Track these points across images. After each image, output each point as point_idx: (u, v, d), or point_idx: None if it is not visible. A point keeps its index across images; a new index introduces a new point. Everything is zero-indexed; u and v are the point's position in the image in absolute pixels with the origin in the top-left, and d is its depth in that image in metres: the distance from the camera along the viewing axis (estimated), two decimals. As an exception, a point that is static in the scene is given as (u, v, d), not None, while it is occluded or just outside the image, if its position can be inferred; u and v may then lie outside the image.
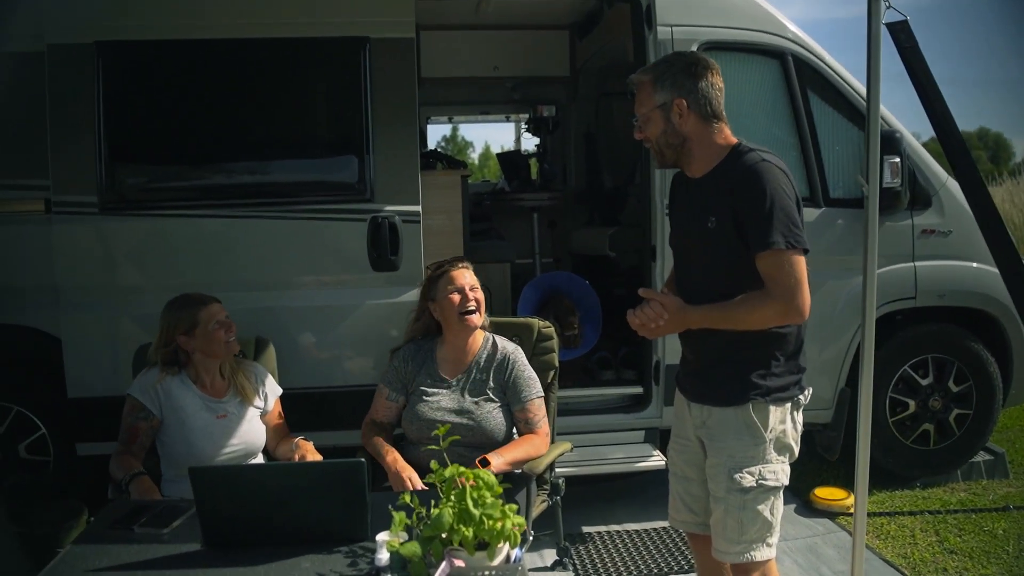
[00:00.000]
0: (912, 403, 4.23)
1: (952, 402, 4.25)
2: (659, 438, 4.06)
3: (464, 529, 1.71)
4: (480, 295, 2.96)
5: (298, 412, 3.18)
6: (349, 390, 3.65)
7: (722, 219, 2.12)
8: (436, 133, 14.21)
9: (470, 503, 1.72)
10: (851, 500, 3.96)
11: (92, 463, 3.60)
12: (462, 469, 1.82)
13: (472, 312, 2.90)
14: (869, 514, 3.74)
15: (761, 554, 2.17)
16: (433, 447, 2.80)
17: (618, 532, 3.84)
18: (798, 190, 2.14)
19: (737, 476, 2.15)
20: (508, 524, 1.71)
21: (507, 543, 1.77)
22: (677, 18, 3.92)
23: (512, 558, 1.80)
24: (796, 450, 2.24)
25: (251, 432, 2.84)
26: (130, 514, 2.18)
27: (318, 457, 2.79)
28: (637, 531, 3.84)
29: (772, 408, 2.16)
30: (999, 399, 4.27)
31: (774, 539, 2.20)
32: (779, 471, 2.18)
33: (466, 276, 2.95)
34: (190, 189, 3.66)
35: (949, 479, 4.36)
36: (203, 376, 2.83)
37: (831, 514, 3.94)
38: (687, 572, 3.43)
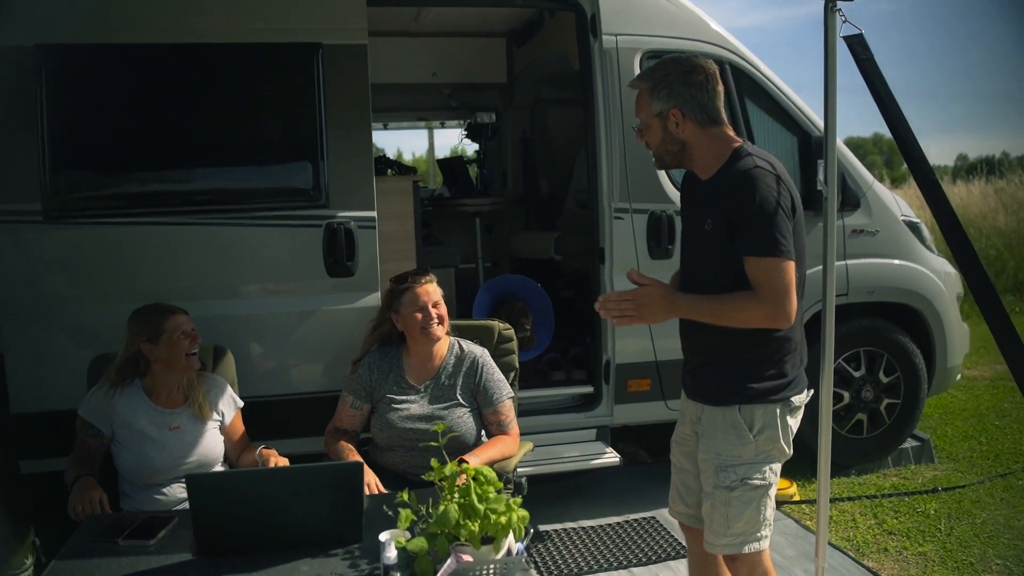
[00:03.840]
0: (846, 394, 4.45)
1: (882, 392, 4.50)
2: (610, 436, 4.16)
3: (470, 524, 1.75)
4: (443, 310, 2.98)
5: (255, 420, 3.14)
6: (306, 397, 3.62)
7: (717, 222, 2.17)
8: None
9: (475, 499, 1.76)
10: (793, 489, 4.17)
11: (35, 481, 3.47)
12: (466, 466, 1.85)
13: (435, 327, 2.93)
14: (812, 501, 3.93)
15: (750, 547, 2.23)
16: (405, 449, 2.85)
17: (574, 529, 3.91)
18: (795, 195, 2.16)
19: (722, 474, 2.21)
20: (514, 518, 1.76)
21: (510, 536, 1.81)
22: (621, 27, 4.03)
23: (514, 551, 1.84)
24: (788, 451, 2.26)
25: (206, 444, 2.80)
26: (112, 527, 2.14)
27: (284, 462, 2.78)
28: (593, 527, 3.93)
29: (760, 410, 2.20)
30: (924, 388, 4.54)
31: (765, 532, 2.25)
32: (766, 471, 2.23)
33: (430, 292, 2.97)
34: (140, 196, 3.55)
35: (880, 465, 4.60)
36: (159, 388, 2.79)
37: (776, 502, 4.09)
38: (644, 564, 3.53)
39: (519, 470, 3.34)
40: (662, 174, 4.00)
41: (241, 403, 2.97)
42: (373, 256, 3.67)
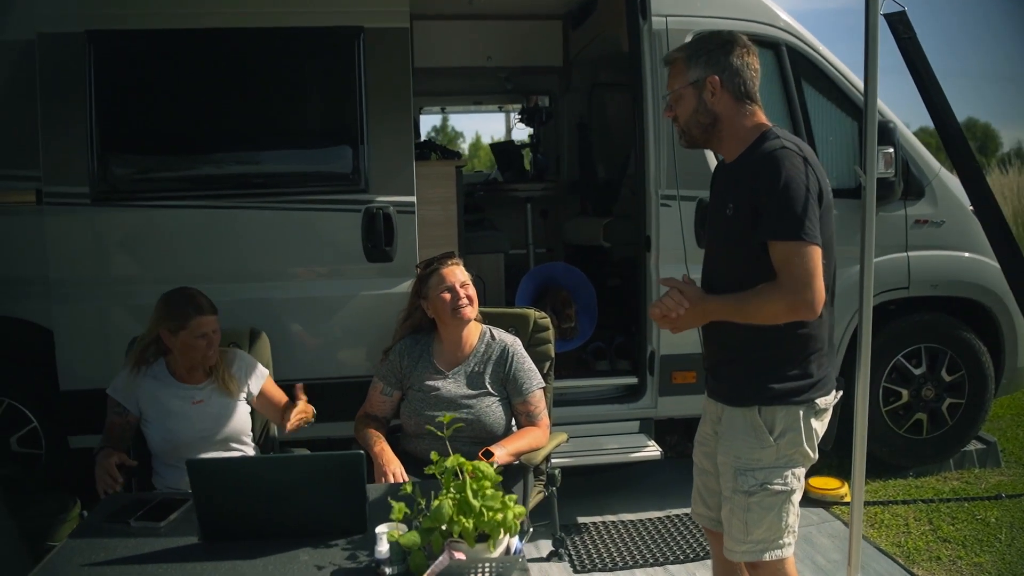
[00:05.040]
0: (905, 392, 4.24)
1: (945, 391, 4.27)
2: (654, 428, 4.06)
3: (464, 520, 1.71)
4: (472, 291, 2.94)
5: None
6: (343, 381, 3.63)
7: (740, 206, 2.05)
8: (427, 123, 14.17)
9: (470, 494, 1.72)
10: (845, 489, 3.99)
11: (85, 456, 3.58)
12: (461, 460, 1.81)
13: (465, 307, 2.90)
14: (864, 503, 3.76)
15: (771, 555, 2.11)
16: (433, 437, 2.82)
17: (613, 523, 3.84)
18: (823, 181, 2.05)
19: (741, 478, 2.10)
20: (509, 515, 1.71)
21: (507, 534, 1.76)
22: (672, 8, 3.90)
23: (512, 549, 1.79)
24: (813, 455, 2.13)
25: (232, 417, 2.83)
26: (126, 508, 2.17)
27: (310, 411, 2.84)
28: (632, 521, 3.84)
29: (781, 412, 2.08)
30: (991, 388, 4.29)
31: (787, 540, 2.12)
32: (788, 476, 2.10)
33: (456, 273, 2.94)
34: (183, 180, 3.63)
35: (942, 468, 4.38)
36: (180, 368, 2.83)
37: (825, 503, 3.95)
38: (682, 562, 3.44)
39: (554, 461, 3.30)
40: (711, 160, 3.86)
41: (267, 372, 2.98)
42: (412, 241, 3.66)
